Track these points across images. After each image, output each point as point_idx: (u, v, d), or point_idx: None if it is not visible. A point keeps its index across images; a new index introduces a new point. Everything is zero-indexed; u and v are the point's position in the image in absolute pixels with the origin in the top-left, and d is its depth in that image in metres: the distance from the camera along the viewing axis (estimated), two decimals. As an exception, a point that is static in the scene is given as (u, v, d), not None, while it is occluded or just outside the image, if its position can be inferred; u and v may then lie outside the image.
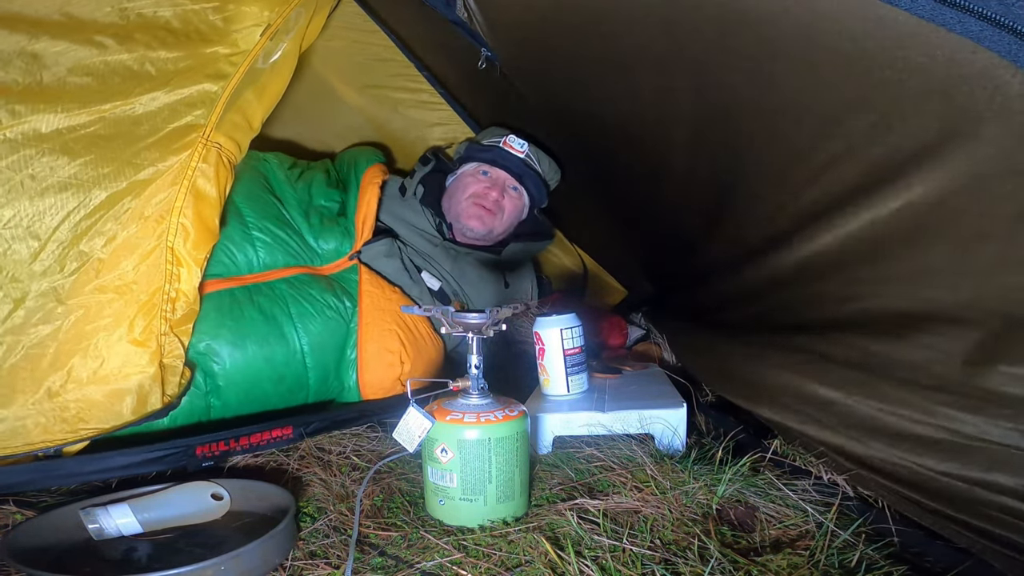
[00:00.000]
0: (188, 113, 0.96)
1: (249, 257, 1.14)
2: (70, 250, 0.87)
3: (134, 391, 0.90)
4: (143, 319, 0.91)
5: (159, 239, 0.93)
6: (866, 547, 0.71)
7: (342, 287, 1.22)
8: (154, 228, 0.93)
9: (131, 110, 0.91)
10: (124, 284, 0.90)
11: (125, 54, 0.91)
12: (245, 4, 1.02)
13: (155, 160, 0.93)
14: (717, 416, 1.18)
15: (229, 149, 1.01)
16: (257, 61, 1.03)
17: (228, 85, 0.99)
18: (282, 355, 1.10)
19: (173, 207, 0.94)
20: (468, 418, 0.80)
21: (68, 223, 0.86)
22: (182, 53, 0.96)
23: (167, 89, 0.94)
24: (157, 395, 0.93)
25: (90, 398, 0.88)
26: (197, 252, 0.96)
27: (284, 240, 1.19)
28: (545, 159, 1.54)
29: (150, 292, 0.92)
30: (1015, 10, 0.49)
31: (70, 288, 0.87)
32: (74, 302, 0.87)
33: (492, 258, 1.50)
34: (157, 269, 0.92)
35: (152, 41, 0.94)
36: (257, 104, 1.07)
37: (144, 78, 0.93)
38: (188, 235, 0.95)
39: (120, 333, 0.90)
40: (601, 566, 0.68)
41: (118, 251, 0.90)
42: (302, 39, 1.13)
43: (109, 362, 0.89)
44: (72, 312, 0.87)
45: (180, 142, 0.95)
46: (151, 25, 0.95)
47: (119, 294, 0.90)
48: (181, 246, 0.95)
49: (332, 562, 0.72)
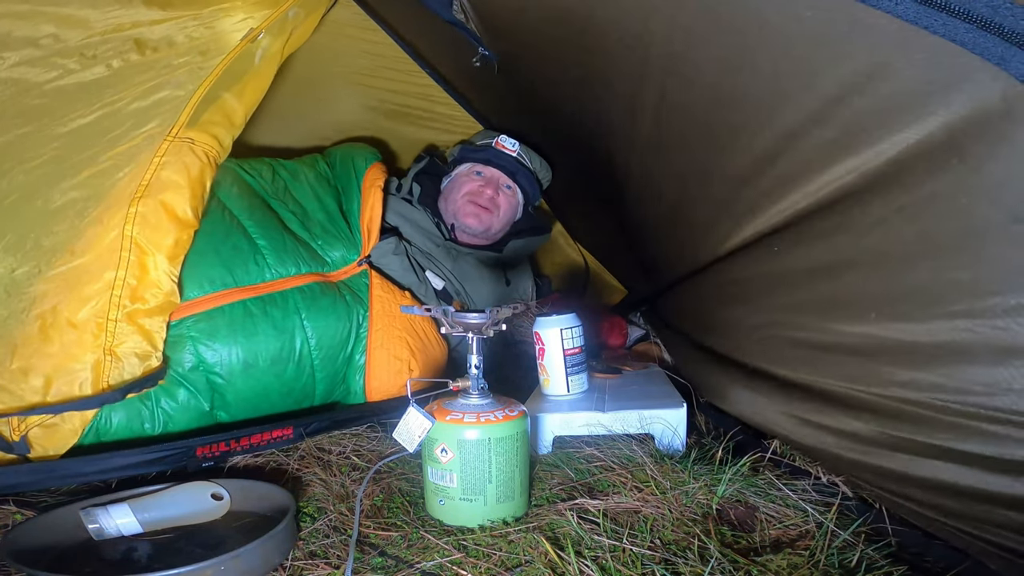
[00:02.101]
0: (155, 118, 0.95)
1: (260, 266, 1.11)
2: (30, 244, 0.87)
3: (60, 374, 0.89)
4: (88, 303, 0.91)
5: (117, 228, 0.93)
6: (866, 547, 0.71)
7: (353, 292, 1.21)
8: (113, 219, 0.93)
9: (93, 119, 0.90)
10: (77, 273, 0.90)
11: (87, 72, 0.90)
12: (229, 12, 1.01)
13: (119, 161, 0.92)
14: (717, 416, 1.18)
15: (205, 143, 1.01)
16: (236, 63, 1.03)
17: (197, 89, 0.98)
18: (293, 371, 1.10)
19: (133, 197, 0.94)
20: (468, 418, 0.80)
21: (31, 221, 0.87)
22: (152, 65, 0.95)
23: (130, 100, 0.93)
24: (88, 382, 0.91)
25: (12, 382, 0.87)
26: (161, 239, 0.96)
27: (291, 248, 1.17)
28: (536, 158, 1.57)
29: (102, 279, 0.92)
30: (1002, 12, 0.48)
31: (27, 279, 0.87)
32: (28, 291, 0.88)
33: (493, 257, 1.52)
34: (111, 257, 0.92)
35: (117, 57, 0.92)
36: (238, 103, 1.07)
37: (108, 88, 0.91)
38: (147, 222, 0.95)
39: (62, 318, 0.89)
40: (601, 566, 0.68)
41: (79, 244, 0.90)
42: (286, 41, 1.13)
43: (43, 346, 0.88)
44: (25, 302, 0.87)
45: (146, 143, 0.95)
46: (124, 38, 0.93)
47: (70, 283, 0.90)
48: (141, 234, 0.94)
49: (332, 562, 0.72)
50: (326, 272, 1.21)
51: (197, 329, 1.02)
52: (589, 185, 1.54)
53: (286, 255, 1.15)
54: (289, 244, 1.17)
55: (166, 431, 0.99)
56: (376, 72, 1.57)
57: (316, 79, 1.56)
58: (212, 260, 1.06)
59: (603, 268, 1.93)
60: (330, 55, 1.52)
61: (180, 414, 1.00)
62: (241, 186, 1.21)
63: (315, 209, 1.28)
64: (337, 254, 1.24)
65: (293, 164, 1.36)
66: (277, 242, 1.16)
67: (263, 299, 1.09)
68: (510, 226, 1.59)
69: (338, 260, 1.24)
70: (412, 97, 1.63)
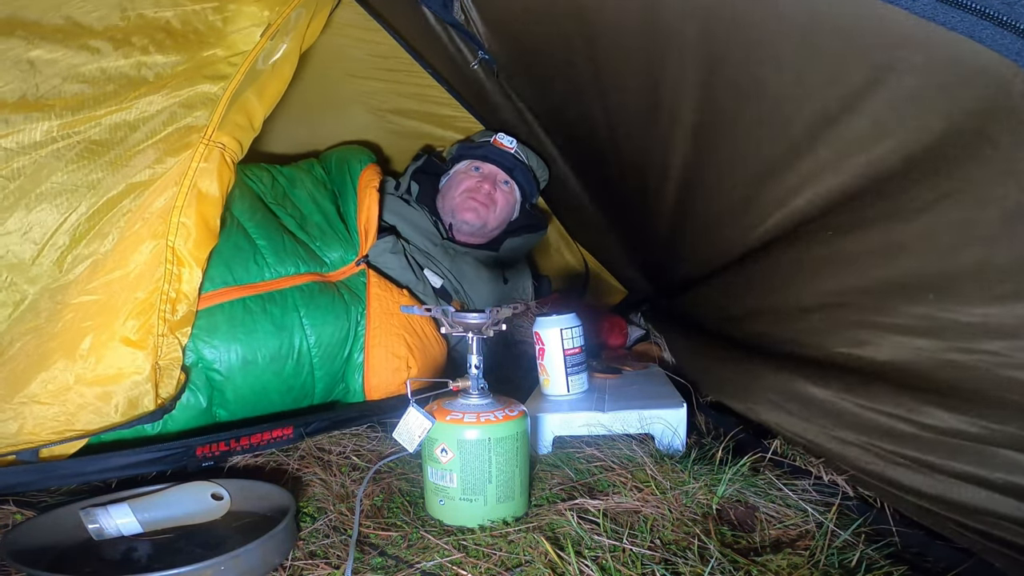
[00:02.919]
0: (188, 115, 0.96)
1: (260, 265, 1.12)
2: (68, 253, 0.87)
3: (124, 392, 0.90)
4: (138, 319, 0.91)
5: (160, 239, 0.93)
6: (866, 547, 0.71)
7: (351, 291, 1.21)
8: (155, 228, 0.92)
9: (127, 115, 0.91)
10: (121, 285, 0.90)
11: (122, 60, 0.91)
12: (245, 4, 1.02)
13: (154, 162, 0.93)
14: (717, 416, 1.18)
15: (232, 149, 1.01)
16: (257, 61, 1.03)
17: (229, 86, 0.99)
18: (292, 368, 1.10)
19: (174, 207, 0.94)
20: (468, 418, 0.80)
21: (66, 227, 0.87)
22: (180, 56, 0.96)
23: (164, 92, 0.94)
24: (150, 397, 0.92)
25: (76, 399, 0.87)
26: (198, 251, 0.96)
27: (290, 248, 1.18)
28: (533, 156, 1.58)
29: (148, 292, 0.91)
30: (1018, 9, 0.49)
31: (67, 289, 0.87)
32: (70, 303, 0.87)
33: (491, 256, 1.52)
34: (157, 269, 0.92)
35: (149, 45, 0.93)
36: (258, 104, 1.07)
37: (140, 82, 0.92)
38: (189, 234, 0.95)
39: (112, 333, 0.89)
40: (601, 566, 0.68)
41: (118, 252, 0.90)
42: (302, 39, 1.13)
43: (99, 363, 0.88)
44: (65, 313, 0.87)
45: (180, 143, 0.95)
46: (150, 27, 0.94)
47: (113, 294, 0.89)
48: (182, 245, 0.95)
49: (332, 562, 0.72)
50: (324, 272, 1.22)
51: (196, 326, 1.01)
52: (593, 185, 1.54)
53: (285, 255, 1.16)
54: (288, 245, 1.18)
55: (165, 430, 0.99)
56: (377, 72, 1.57)
57: (317, 79, 1.56)
58: (213, 259, 1.06)
59: (603, 268, 1.93)
60: (331, 55, 1.51)
61: (179, 412, 1.00)
62: (242, 188, 1.21)
63: (313, 212, 1.29)
64: (335, 255, 1.25)
65: (291, 170, 1.37)
66: (277, 243, 1.16)
67: (262, 297, 1.09)
68: (507, 224, 1.59)
69: (336, 261, 1.25)
70: (413, 98, 1.63)
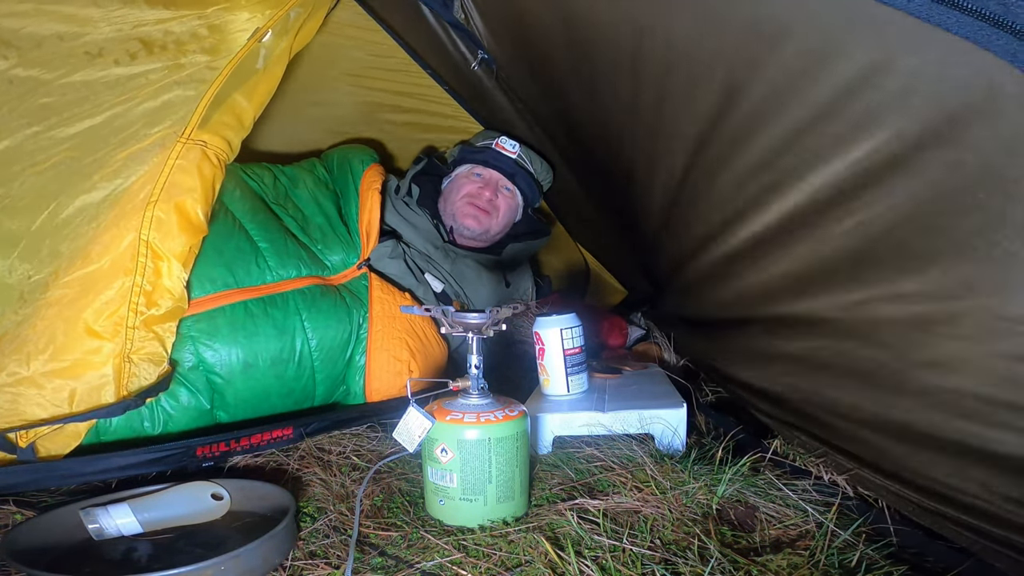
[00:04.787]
0: (166, 119, 0.95)
1: (262, 268, 1.12)
2: (45, 250, 0.87)
3: (82, 384, 0.89)
4: (107, 310, 0.90)
5: (133, 232, 0.93)
6: (866, 547, 0.71)
7: (353, 295, 1.21)
8: (130, 223, 0.93)
9: (103, 119, 0.90)
10: (95, 278, 0.90)
11: (99, 71, 0.90)
12: (233, 11, 1.01)
13: (131, 164, 0.92)
14: (717, 416, 1.18)
15: (216, 146, 1.01)
16: (244, 64, 1.03)
17: (208, 89, 0.98)
18: (293, 371, 1.10)
19: (148, 202, 0.94)
20: (468, 418, 0.80)
21: (45, 227, 0.87)
22: (159, 64, 0.95)
23: (139, 100, 0.93)
24: (111, 389, 0.91)
25: (30, 389, 0.87)
26: (175, 244, 0.96)
27: (292, 251, 1.17)
28: (537, 159, 1.57)
29: (119, 283, 0.91)
30: (1014, 10, 0.49)
31: (42, 285, 0.87)
32: (44, 297, 0.87)
33: (492, 259, 1.51)
34: (128, 262, 0.92)
35: (123, 56, 0.93)
36: (247, 104, 1.06)
37: (116, 87, 0.92)
38: (165, 228, 0.95)
39: (78, 323, 0.89)
40: (601, 566, 0.68)
41: (95, 249, 0.90)
42: (293, 41, 1.13)
43: (61, 354, 0.88)
44: (39, 306, 0.87)
45: (157, 144, 0.95)
46: (129, 37, 0.93)
47: (86, 288, 0.89)
48: (157, 239, 0.94)
49: (332, 562, 0.72)
50: (326, 276, 1.21)
51: (197, 329, 1.02)
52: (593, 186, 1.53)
53: (287, 258, 1.15)
54: (291, 247, 1.18)
55: (166, 431, 0.99)
56: (377, 72, 1.57)
57: (316, 79, 1.56)
58: (214, 261, 1.06)
59: (603, 268, 1.93)
60: (330, 55, 1.52)
61: (180, 414, 1.00)
62: (244, 189, 1.21)
63: (315, 214, 1.29)
64: (337, 258, 1.24)
65: (292, 170, 1.37)
66: (279, 245, 1.16)
67: (264, 300, 1.09)
68: (509, 228, 1.59)
69: (338, 264, 1.24)
70: (413, 97, 1.63)
